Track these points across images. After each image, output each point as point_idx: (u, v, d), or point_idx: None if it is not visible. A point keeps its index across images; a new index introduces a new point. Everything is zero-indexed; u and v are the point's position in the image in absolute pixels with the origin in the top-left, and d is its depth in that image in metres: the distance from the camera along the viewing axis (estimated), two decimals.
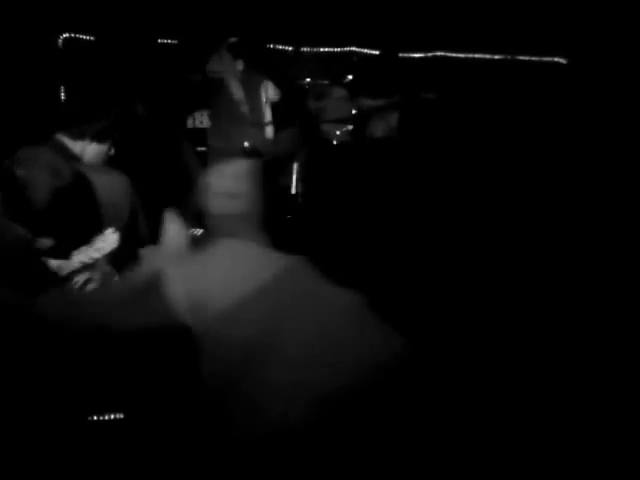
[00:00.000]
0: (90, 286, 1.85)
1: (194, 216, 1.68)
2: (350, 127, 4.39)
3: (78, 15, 4.13)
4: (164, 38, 4.25)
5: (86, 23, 4.18)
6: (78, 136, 2.03)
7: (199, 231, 1.75)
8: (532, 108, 4.64)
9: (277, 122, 4.06)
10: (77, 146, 2.04)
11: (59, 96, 4.18)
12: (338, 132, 4.37)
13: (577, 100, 4.63)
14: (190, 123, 4.26)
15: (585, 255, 3.94)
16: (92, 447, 2.07)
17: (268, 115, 3.99)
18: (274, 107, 4.02)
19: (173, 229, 1.73)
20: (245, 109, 3.86)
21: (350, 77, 4.29)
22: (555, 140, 4.61)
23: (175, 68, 4.16)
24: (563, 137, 4.61)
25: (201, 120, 4.22)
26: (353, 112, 4.43)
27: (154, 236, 2.03)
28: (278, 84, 3.98)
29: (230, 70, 3.83)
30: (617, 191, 4.41)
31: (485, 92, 4.66)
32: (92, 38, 4.23)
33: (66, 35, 4.20)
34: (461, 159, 4.59)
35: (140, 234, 2.05)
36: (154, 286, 1.48)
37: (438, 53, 4.70)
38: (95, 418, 2.13)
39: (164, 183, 3.46)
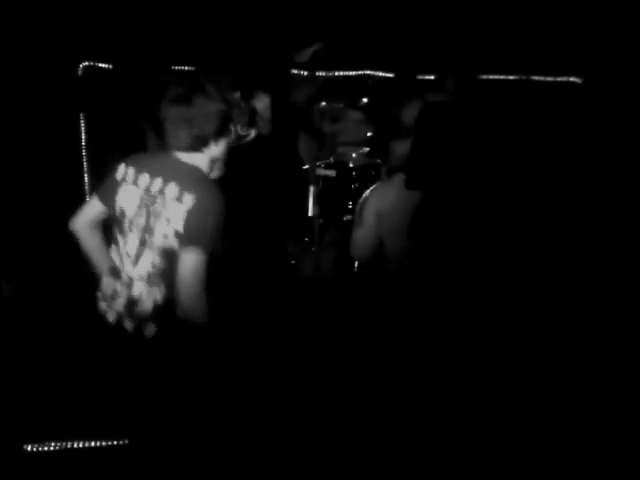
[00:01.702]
0: None
1: None
2: (366, 149, 4.41)
3: (98, 43, 4.20)
4: (182, 65, 4.30)
5: (106, 51, 4.25)
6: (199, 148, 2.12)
7: None
8: (547, 128, 4.64)
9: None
10: (201, 159, 2.15)
11: (79, 124, 4.24)
12: (354, 154, 4.39)
13: (592, 120, 4.63)
14: None
15: (597, 272, 3.94)
16: None
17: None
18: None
19: None
20: None
21: (365, 100, 4.30)
22: (570, 159, 4.61)
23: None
24: (578, 156, 4.61)
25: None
26: (369, 134, 4.45)
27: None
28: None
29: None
30: (634, 209, 4.39)
31: (500, 113, 4.66)
32: (112, 66, 4.29)
33: (86, 63, 4.26)
34: (478, 179, 4.59)
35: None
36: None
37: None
38: None
39: None
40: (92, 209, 2.29)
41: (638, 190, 4.45)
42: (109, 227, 2.31)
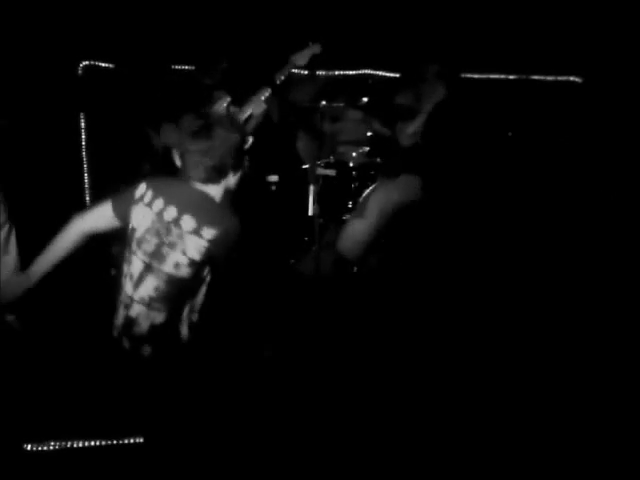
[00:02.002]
0: None
1: None
2: (366, 149, 4.40)
3: (98, 43, 4.20)
4: (182, 64, 4.29)
5: (106, 51, 4.24)
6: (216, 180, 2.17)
7: None
8: (547, 127, 4.65)
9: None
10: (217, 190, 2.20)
11: (79, 123, 4.24)
12: (354, 154, 4.39)
13: (592, 119, 4.63)
14: None
15: (594, 270, 3.95)
16: None
17: None
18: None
19: None
20: None
21: (365, 100, 4.30)
22: (570, 158, 4.62)
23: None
24: (578, 155, 4.62)
25: None
26: (369, 134, 4.45)
27: None
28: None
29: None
30: (634, 207, 4.40)
31: (500, 112, 4.67)
32: (112, 65, 4.29)
33: (86, 63, 4.26)
34: (478, 179, 4.60)
35: None
36: None
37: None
38: None
39: None
40: (102, 216, 2.27)
41: (638, 189, 4.45)
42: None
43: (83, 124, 4.26)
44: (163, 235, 2.11)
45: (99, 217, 2.28)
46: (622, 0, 4.42)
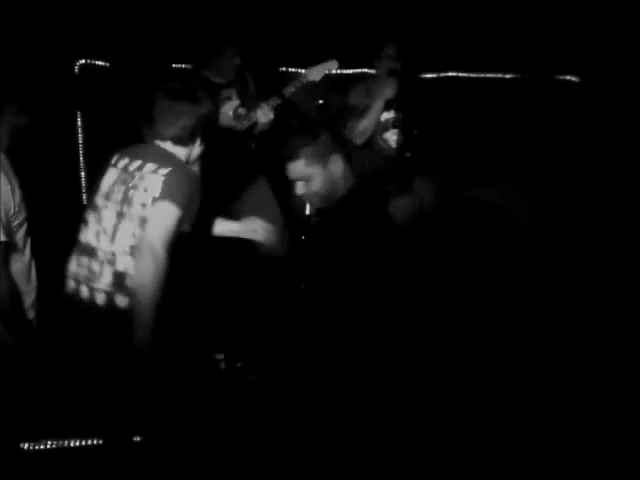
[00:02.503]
0: None
1: None
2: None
3: (94, 41, 4.19)
4: (180, 63, 4.29)
5: (103, 49, 4.24)
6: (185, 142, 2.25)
7: None
8: (545, 126, 4.65)
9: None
10: (182, 152, 2.26)
11: (76, 122, 4.23)
12: None
13: (590, 118, 4.63)
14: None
15: (592, 272, 3.96)
16: None
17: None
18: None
19: None
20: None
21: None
22: (568, 158, 4.62)
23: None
24: (576, 154, 4.62)
25: None
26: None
27: None
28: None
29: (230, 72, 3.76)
30: (631, 207, 4.41)
31: (497, 111, 4.68)
32: (109, 64, 4.28)
33: (82, 61, 4.25)
34: (474, 176, 4.61)
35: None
36: None
37: (450, 74, 4.71)
38: None
39: None
40: None
41: (635, 188, 4.46)
42: None
43: (80, 123, 4.25)
44: (128, 182, 2.17)
45: None
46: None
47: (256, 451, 2.43)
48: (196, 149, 2.30)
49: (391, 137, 3.81)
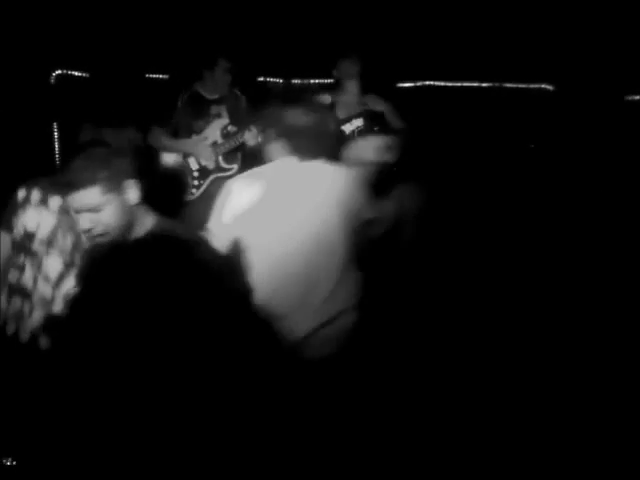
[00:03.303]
0: None
1: None
2: None
3: (71, 52, 4.17)
4: (155, 73, 4.28)
5: (79, 59, 4.21)
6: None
7: None
8: (519, 135, 4.70)
9: None
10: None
11: (52, 132, 4.20)
12: None
13: (564, 126, 4.69)
14: None
15: (580, 276, 3.99)
16: None
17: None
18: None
19: None
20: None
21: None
22: (542, 165, 4.67)
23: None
24: (550, 162, 4.68)
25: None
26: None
27: None
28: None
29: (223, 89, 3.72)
30: (605, 214, 4.46)
31: (474, 119, 4.72)
32: (85, 74, 4.26)
33: (59, 72, 4.23)
34: (452, 185, 4.64)
35: None
36: None
37: (426, 82, 4.75)
38: None
39: None
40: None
41: (609, 194, 4.52)
42: None
43: (56, 133, 4.22)
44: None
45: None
46: (593, 8, 4.49)
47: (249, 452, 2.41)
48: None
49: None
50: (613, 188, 4.54)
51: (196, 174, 3.65)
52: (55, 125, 4.24)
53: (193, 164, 3.65)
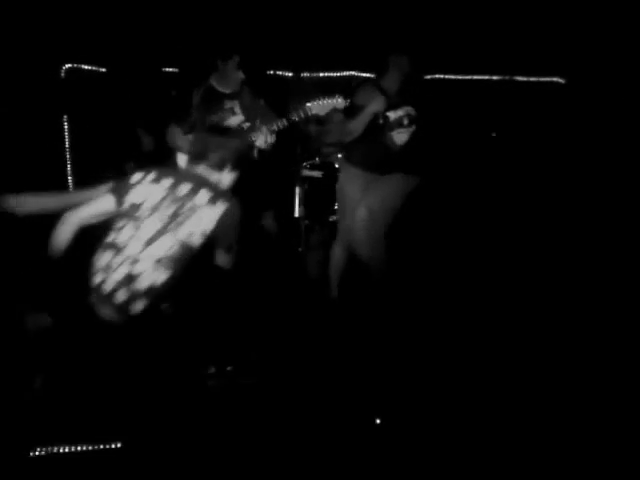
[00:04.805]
0: None
1: None
2: None
3: (81, 45, 4.17)
4: (169, 67, 4.27)
5: (89, 53, 4.22)
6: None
7: None
8: (531, 128, 4.67)
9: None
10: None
11: (62, 127, 4.21)
12: (339, 155, 4.39)
13: (576, 119, 4.66)
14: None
15: (583, 274, 3.98)
16: None
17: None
18: None
19: None
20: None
21: (348, 101, 4.26)
22: (554, 158, 4.65)
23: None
24: (562, 155, 4.65)
25: None
26: None
27: None
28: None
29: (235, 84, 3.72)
30: (617, 208, 4.44)
31: (485, 113, 4.70)
32: (95, 68, 4.26)
33: (69, 65, 4.23)
34: (462, 179, 4.63)
35: None
36: None
37: (437, 76, 4.73)
38: None
39: None
40: (99, 206, 2.45)
41: (621, 186, 4.49)
42: None
43: (67, 127, 4.23)
44: (181, 205, 2.38)
45: (95, 208, 2.45)
46: (605, 1, 4.46)
47: (249, 453, 2.42)
48: (227, 175, 2.59)
49: (396, 135, 3.83)
50: (623, 182, 4.52)
51: None
52: (65, 119, 4.24)
53: None
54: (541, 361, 3.09)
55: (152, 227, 2.35)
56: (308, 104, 3.59)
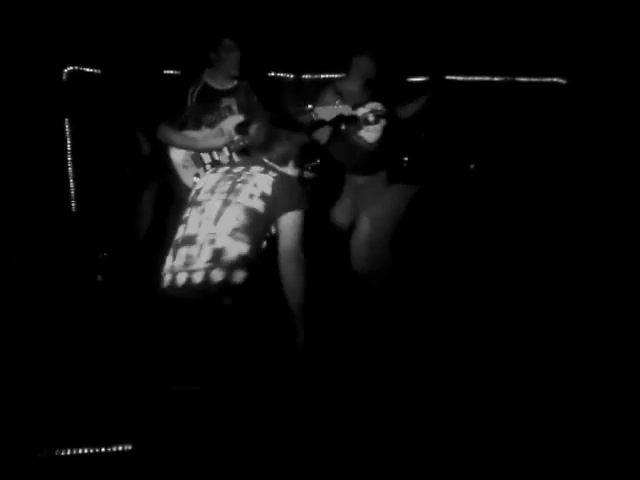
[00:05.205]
0: None
1: None
2: None
3: (83, 48, 4.17)
4: (170, 69, 4.27)
5: (91, 56, 4.21)
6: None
7: None
8: (532, 128, 4.68)
9: None
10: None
11: (64, 129, 4.20)
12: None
13: (577, 120, 4.67)
14: None
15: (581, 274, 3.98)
16: None
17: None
18: None
19: None
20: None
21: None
22: (555, 159, 4.66)
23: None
24: (563, 156, 4.66)
25: None
26: None
27: None
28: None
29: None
30: (617, 209, 4.45)
31: (486, 114, 4.70)
32: (97, 71, 4.26)
33: (71, 68, 4.23)
34: (463, 179, 4.63)
35: None
36: None
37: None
38: None
39: None
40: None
41: (622, 187, 4.49)
42: None
43: (68, 130, 4.22)
44: (235, 178, 2.46)
45: None
46: (606, 2, 4.46)
47: (249, 453, 2.41)
48: (290, 169, 2.65)
49: (366, 134, 3.84)
50: (626, 182, 4.52)
51: (208, 167, 3.63)
52: (67, 121, 4.24)
53: (206, 157, 3.64)
54: (543, 365, 3.09)
55: (215, 205, 2.41)
56: (315, 108, 3.58)
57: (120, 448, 2.48)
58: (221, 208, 2.39)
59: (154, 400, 2.32)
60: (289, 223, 2.40)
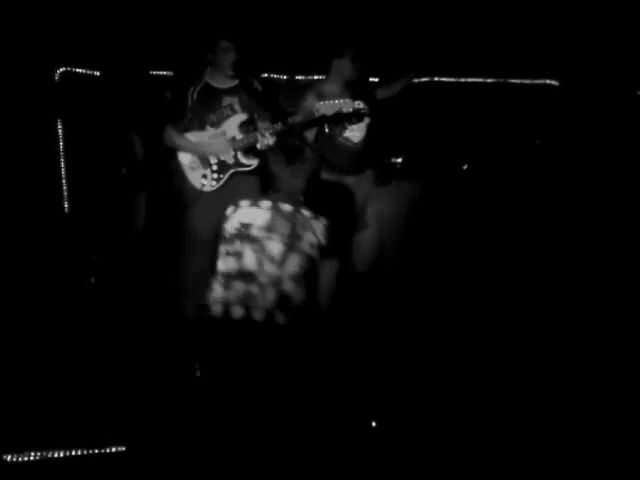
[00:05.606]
0: None
1: None
2: None
3: (75, 49, 4.15)
4: (160, 70, 4.26)
5: (84, 57, 4.20)
6: None
7: None
8: (525, 130, 4.69)
9: None
10: None
11: (56, 130, 4.18)
12: None
13: (569, 122, 4.68)
14: None
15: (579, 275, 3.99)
16: None
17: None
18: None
19: None
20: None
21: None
22: (547, 161, 4.67)
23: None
24: (556, 158, 4.67)
25: None
26: None
27: None
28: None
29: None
30: (611, 210, 4.46)
31: (479, 116, 4.71)
32: (90, 72, 4.24)
33: (63, 69, 4.22)
34: (456, 181, 4.64)
35: None
36: None
37: (432, 78, 4.74)
38: None
39: None
40: None
41: (614, 190, 4.51)
42: None
43: (61, 131, 4.21)
44: (294, 221, 2.41)
45: None
46: (599, 4, 4.48)
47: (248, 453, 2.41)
48: None
49: (350, 133, 3.85)
50: (618, 184, 4.54)
51: (215, 167, 3.64)
52: (59, 123, 4.22)
53: (212, 157, 3.64)
54: (543, 367, 3.10)
55: (277, 246, 2.37)
56: (317, 104, 3.59)
57: (114, 450, 2.48)
58: (285, 252, 2.37)
59: (148, 402, 2.33)
60: (332, 272, 2.44)
